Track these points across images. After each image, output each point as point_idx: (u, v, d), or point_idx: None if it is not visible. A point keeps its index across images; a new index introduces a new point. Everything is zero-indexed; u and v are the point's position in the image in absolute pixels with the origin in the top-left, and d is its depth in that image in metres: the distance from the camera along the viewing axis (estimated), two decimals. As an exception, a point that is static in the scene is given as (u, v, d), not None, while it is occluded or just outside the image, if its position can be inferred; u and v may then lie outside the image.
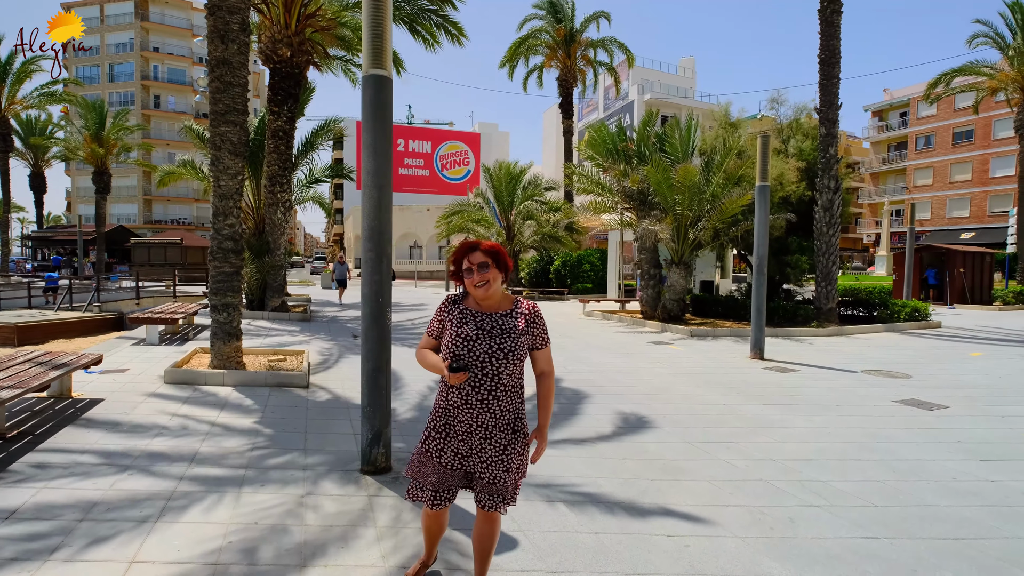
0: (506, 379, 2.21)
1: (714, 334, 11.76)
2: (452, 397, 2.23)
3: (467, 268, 2.23)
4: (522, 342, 2.24)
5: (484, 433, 2.22)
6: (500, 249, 2.29)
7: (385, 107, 3.86)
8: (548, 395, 2.37)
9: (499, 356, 2.18)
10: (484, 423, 2.20)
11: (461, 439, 2.25)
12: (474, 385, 2.18)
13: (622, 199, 14.17)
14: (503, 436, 2.24)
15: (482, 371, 2.18)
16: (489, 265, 2.22)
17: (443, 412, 2.29)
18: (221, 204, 6.89)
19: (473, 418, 2.20)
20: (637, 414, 5.67)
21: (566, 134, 27.64)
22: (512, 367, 2.22)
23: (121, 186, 52.24)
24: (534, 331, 2.31)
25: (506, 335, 2.21)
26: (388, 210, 3.91)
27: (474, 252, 2.24)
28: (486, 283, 2.22)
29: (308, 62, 13.41)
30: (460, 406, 2.22)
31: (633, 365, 8.39)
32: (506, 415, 2.23)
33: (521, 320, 2.27)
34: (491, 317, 2.26)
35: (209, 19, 6.79)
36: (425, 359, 2.29)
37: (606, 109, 52.85)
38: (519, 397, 2.30)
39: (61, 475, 3.73)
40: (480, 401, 2.18)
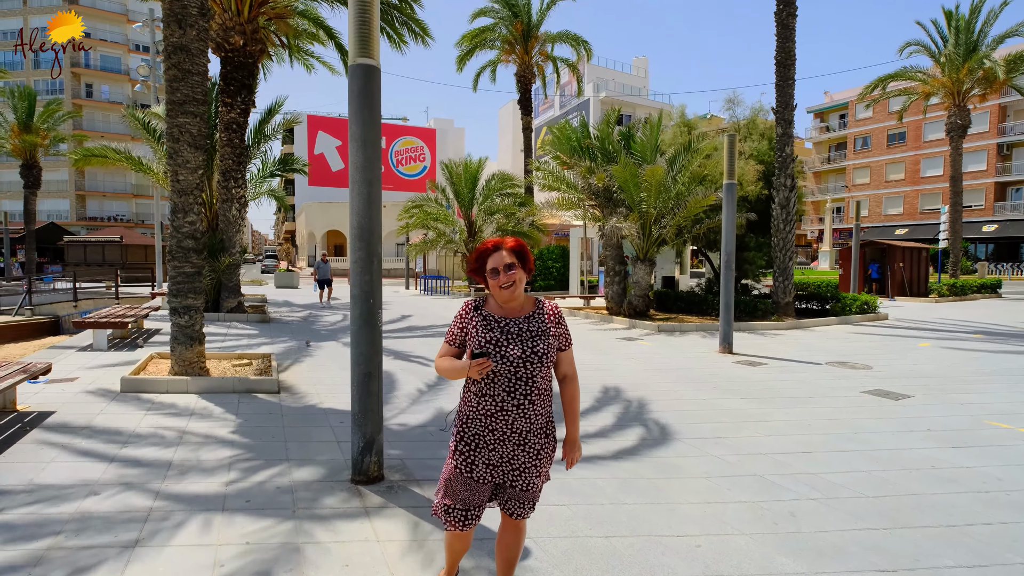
0: (540, 383, 2.14)
1: (681, 329, 11.99)
2: (485, 406, 2.12)
3: (492, 269, 2.13)
4: (552, 343, 2.17)
5: (519, 439, 2.13)
6: (525, 248, 2.21)
7: (374, 97, 3.67)
8: (574, 400, 2.30)
9: (533, 360, 2.09)
10: (519, 429, 2.12)
11: (492, 448, 2.14)
12: (509, 391, 2.09)
13: (587, 196, 14.25)
14: (537, 441, 2.17)
15: (516, 376, 2.09)
16: (516, 266, 2.14)
17: (472, 422, 2.17)
18: (181, 200, 6.47)
19: (508, 425, 2.11)
20: (620, 411, 5.67)
21: (525, 131, 27.60)
22: (546, 370, 2.15)
23: (52, 180, 48.73)
24: (560, 331, 2.23)
25: (537, 337, 2.13)
26: (378, 207, 3.73)
27: (499, 252, 2.15)
28: (512, 284, 2.13)
29: (262, 51, 12.83)
30: (495, 414, 2.11)
31: (609, 362, 8.43)
32: (540, 419, 2.16)
33: (548, 321, 2.20)
34: (517, 320, 2.17)
35: (164, 3, 6.34)
36: (447, 366, 2.16)
37: (562, 107, 53.23)
38: (550, 400, 2.23)
39: (13, 504, 3.37)
40: (516, 407, 2.09)
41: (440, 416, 5.39)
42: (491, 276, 2.13)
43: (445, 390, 6.43)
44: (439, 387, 6.58)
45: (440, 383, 6.75)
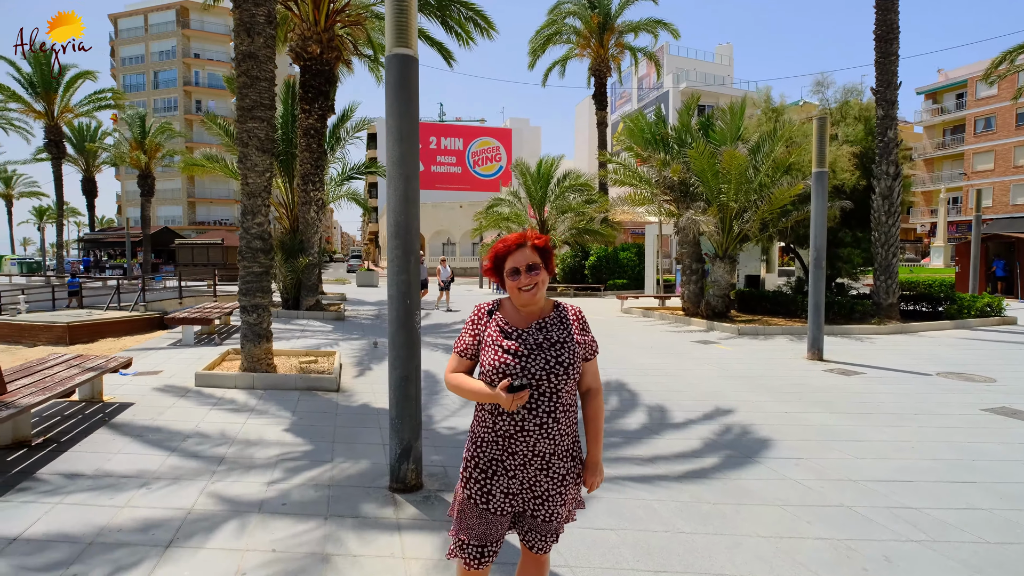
0: (565, 398, 1.85)
1: (765, 332, 11.06)
2: (503, 426, 1.85)
3: (513, 270, 1.87)
4: (578, 352, 1.89)
5: (541, 463, 1.85)
6: (549, 247, 1.95)
7: (410, 89, 3.50)
8: (598, 416, 1.98)
9: (558, 371, 1.81)
10: (542, 451, 1.84)
11: (512, 474, 1.87)
12: (531, 408, 1.81)
13: (662, 190, 13.53)
14: (562, 464, 1.88)
15: (539, 391, 1.81)
16: (539, 266, 1.88)
17: (488, 445, 1.90)
18: (249, 202, 6.71)
19: (530, 447, 1.83)
20: (688, 423, 5.19)
21: (600, 125, 26.90)
22: (572, 383, 1.86)
23: (167, 189, 54.07)
24: (584, 338, 1.95)
25: (562, 345, 1.85)
26: (416, 203, 3.55)
27: (522, 250, 1.88)
28: (534, 287, 1.86)
29: (338, 59, 13.27)
30: (514, 435, 1.83)
31: (679, 367, 7.86)
32: (566, 440, 1.88)
33: (573, 326, 1.92)
34: (538, 326, 1.90)
35: (235, 12, 6.59)
36: (463, 385, 1.89)
37: (640, 100, 51.66)
38: (575, 417, 1.93)
39: (75, 490, 3.52)
40: (539, 426, 1.81)
41: None
42: (510, 277, 1.87)
43: (501, 393, 6.21)
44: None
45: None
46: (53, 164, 30.51)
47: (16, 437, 4.32)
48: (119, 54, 57.10)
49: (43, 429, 4.67)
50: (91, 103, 31.62)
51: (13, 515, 3.16)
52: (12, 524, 3.06)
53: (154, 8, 55.53)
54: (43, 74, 29.06)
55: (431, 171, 58.29)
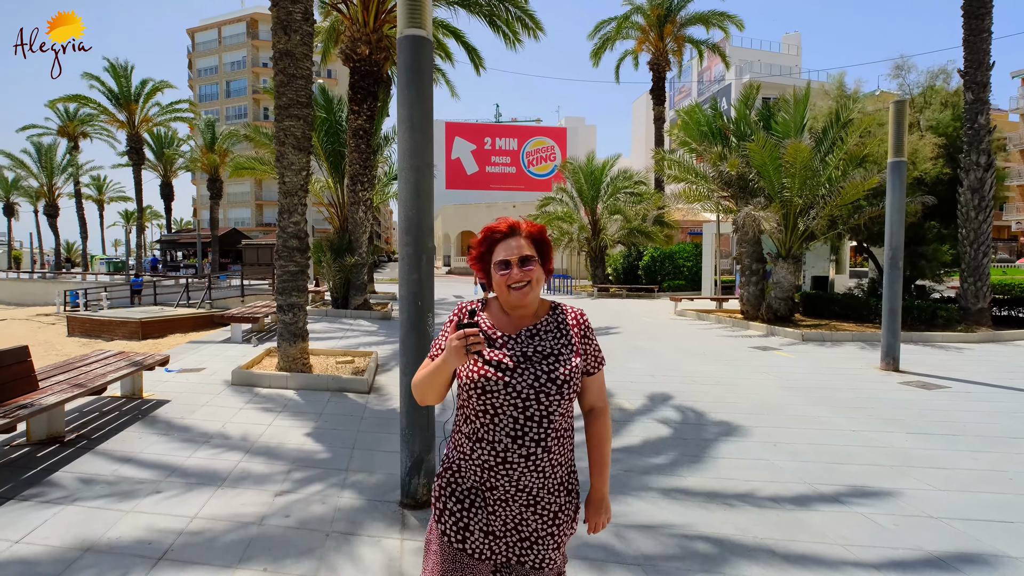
0: (559, 421, 1.51)
1: (832, 339, 10.16)
2: (481, 455, 1.52)
3: (502, 262, 1.54)
4: (577, 365, 1.54)
5: (528, 500, 1.52)
6: (547, 238, 1.62)
7: (424, 73, 3.24)
8: (604, 441, 1.64)
9: (550, 390, 1.48)
10: (528, 486, 1.50)
11: (493, 512, 1.54)
12: (515, 435, 1.48)
13: (718, 186, 12.76)
14: (554, 501, 1.55)
15: (525, 413, 1.48)
16: (534, 260, 1.55)
17: (464, 474, 1.57)
18: (286, 201, 6.69)
19: (513, 481, 1.49)
20: (739, 440, 4.67)
21: (657, 121, 25.99)
22: (568, 403, 1.53)
23: (236, 192, 57.02)
24: (587, 348, 1.61)
25: (556, 357, 1.53)
26: (428, 197, 3.29)
27: (514, 239, 1.56)
28: (527, 285, 1.53)
29: (386, 59, 13.31)
30: (495, 466, 1.50)
31: (733, 375, 7.26)
32: (558, 472, 1.55)
33: (572, 333, 1.59)
34: (529, 333, 1.56)
35: (272, 10, 6.59)
36: (422, 377, 1.54)
37: (700, 95, 49.79)
38: (571, 443, 1.60)
39: (86, 494, 3.48)
40: (525, 456, 1.48)
41: None
42: (499, 270, 1.55)
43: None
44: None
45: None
46: (134, 170, 32.72)
47: (50, 433, 4.40)
48: (195, 66, 60.71)
49: (78, 425, 4.75)
50: (167, 113, 33.70)
51: (15, 520, 3.14)
52: (10, 531, 3.02)
53: (227, 21, 58.66)
54: (124, 86, 31.19)
55: (485, 171, 58.59)
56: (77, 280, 31.06)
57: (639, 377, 6.99)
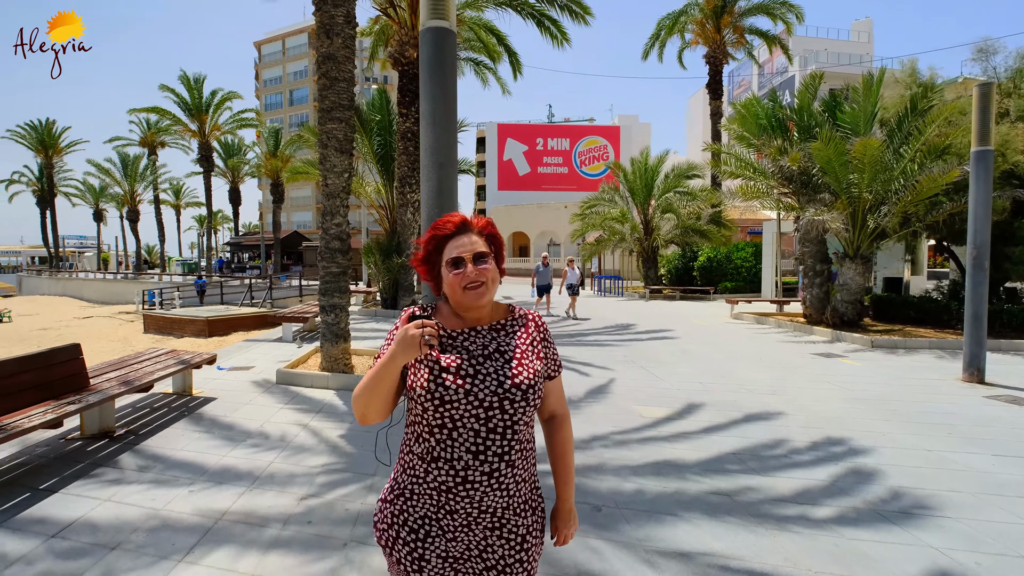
0: (522, 432, 1.38)
1: (906, 346, 9.35)
2: (437, 475, 1.35)
3: (454, 260, 1.39)
4: (540, 369, 1.43)
5: (492, 522, 1.38)
6: (499, 235, 1.49)
7: (446, 66, 3.11)
8: (567, 449, 1.55)
9: (515, 395, 1.34)
10: (492, 506, 1.36)
11: (453, 537, 1.37)
12: (476, 450, 1.32)
13: (779, 182, 12.05)
14: (521, 523, 1.41)
15: (488, 424, 1.33)
16: (489, 257, 1.42)
17: (418, 500, 1.40)
18: (328, 203, 6.77)
19: (475, 503, 1.34)
20: (795, 457, 4.28)
21: (713, 116, 25.02)
22: (532, 410, 1.39)
23: (299, 196, 59.43)
24: (547, 351, 1.50)
25: (519, 359, 1.40)
26: (451, 194, 3.15)
27: (466, 236, 1.42)
28: (482, 285, 1.39)
29: (434, 61, 13.40)
30: (453, 487, 1.34)
31: (791, 383, 6.76)
32: (523, 488, 1.41)
33: (531, 335, 1.47)
34: (485, 336, 1.43)
35: (316, 15, 6.69)
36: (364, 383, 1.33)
37: (761, 88, 47.65)
38: (534, 456, 1.47)
39: (124, 489, 3.56)
40: (487, 474, 1.33)
41: None
42: (451, 269, 1.39)
43: (584, 405, 5.65)
44: (580, 402, 5.82)
45: (583, 397, 5.99)
46: (204, 176, 34.71)
47: (102, 428, 4.58)
48: (262, 77, 63.79)
49: (128, 421, 4.94)
50: (235, 121, 35.54)
51: (53, 511, 3.23)
52: (64, 514, 3.11)
53: (290, 33, 61.29)
54: (196, 97, 33.11)
55: (537, 172, 58.48)
56: (154, 280, 33.22)
57: (687, 384, 6.63)
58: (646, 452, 4.33)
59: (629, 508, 3.36)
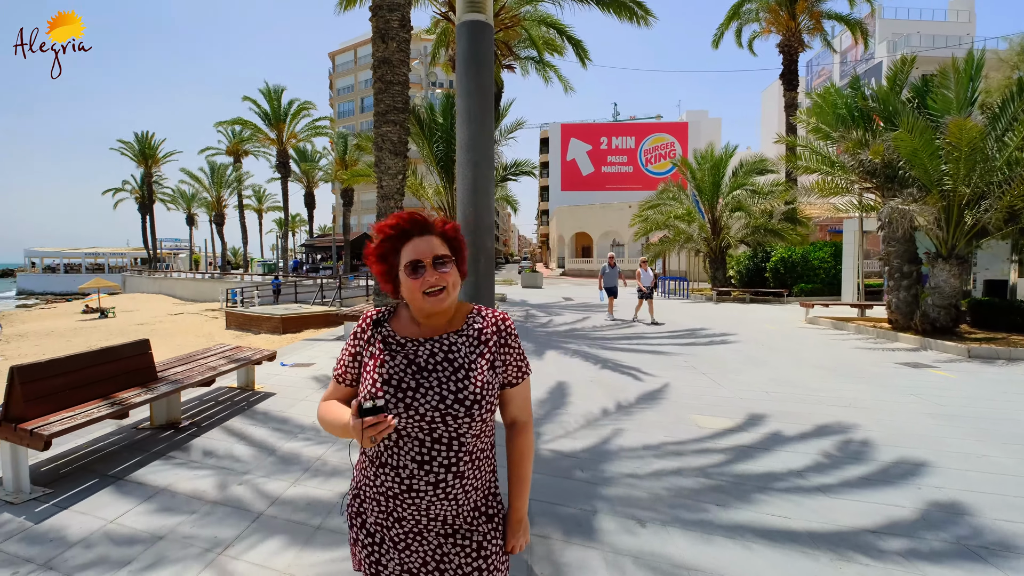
0: (471, 443, 1.33)
1: (1010, 356, 8.36)
2: (384, 481, 1.32)
3: (413, 263, 1.34)
4: (491, 380, 1.37)
5: (443, 529, 1.35)
6: (460, 234, 1.45)
7: (482, 60, 3.03)
8: (524, 458, 1.50)
9: (457, 411, 1.29)
10: (441, 515, 1.33)
11: (406, 547, 1.35)
12: (421, 460, 1.29)
13: (859, 176, 11.15)
14: (474, 530, 1.38)
15: (432, 435, 1.30)
16: (449, 260, 1.37)
17: (371, 503, 1.38)
18: (383, 204, 6.89)
19: (422, 511, 1.32)
20: (870, 479, 3.87)
21: (788, 108, 23.60)
22: (480, 424, 1.33)
23: (369, 200, 61.68)
24: (507, 357, 1.43)
25: (467, 371, 1.34)
26: (487, 193, 3.06)
27: (426, 237, 1.37)
28: (443, 290, 1.34)
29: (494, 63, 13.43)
30: (399, 495, 1.31)
31: (870, 396, 6.18)
32: (473, 496, 1.37)
33: (487, 343, 1.40)
34: (437, 343, 1.38)
35: (372, 21, 6.82)
36: (326, 416, 1.37)
37: (843, 77, 44.60)
38: (491, 463, 1.44)
39: (180, 477, 3.73)
40: (433, 484, 1.30)
41: None
42: (410, 274, 1.33)
43: (636, 411, 5.42)
44: (631, 408, 5.59)
45: (635, 403, 5.76)
46: (281, 182, 36.73)
47: (169, 419, 4.85)
48: (335, 86, 66.76)
49: (194, 413, 5.21)
50: (309, 130, 37.39)
51: (114, 496, 3.42)
52: (106, 510, 3.29)
53: (362, 43, 63.76)
54: (275, 108, 35.10)
55: (601, 172, 57.66)
56: (236, 280, 35.49)
57: (750, 393, 6.21)
58: (698, 463, 4.05)
59: (675, 525, 3.14)
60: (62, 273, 61.78)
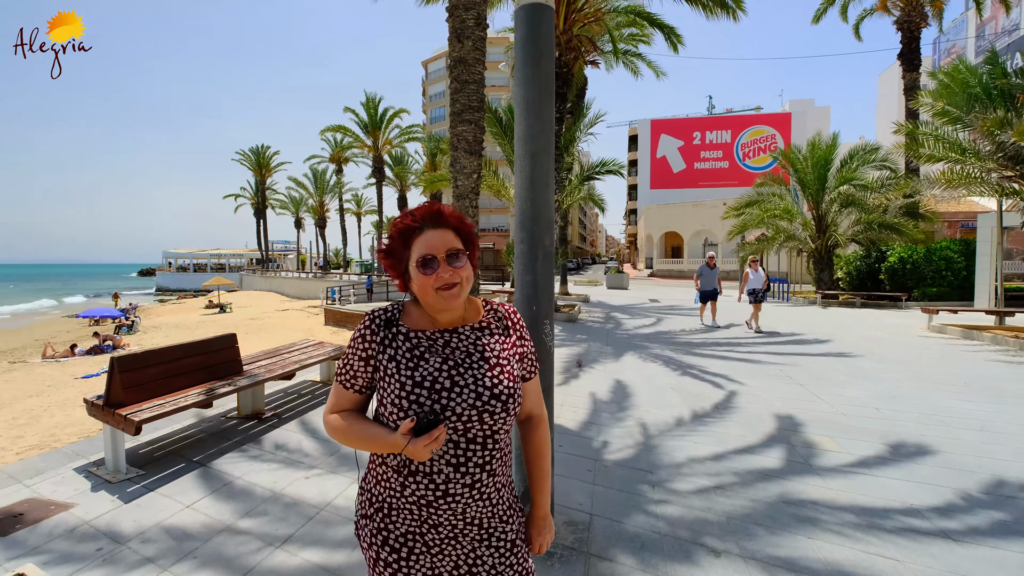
0: (503, 440, 1.31)
1: None
2: (416, 490, 1.26)
3: (426, 259, 1.26)
4: (517, 375, 1.34)
5: (478, 532, 1.31)
6: (471, 227, 1.35)
7: (541, 46, 2.84)
8: (543, 452, 1.45)
9: (495, 407, 1.25)
10: (477, 517, 1.30)
11: (440, 553, 1.30)
12: (457, 462, 1.25)
13: (998, 164, 9.68)
14: (509, 528, 1.36)
15: (467, 436, 1.25)
16: (463, 255, 1.30)
17: (399, 514, 1.30)
18: (458, 204, 6.90)
19: (458, 515, 1.28)
20: (1007, 524, 3.24)
21: (907, 91, 21.12)
22: (513, 419, 1.31)
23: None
24: (524, 350, 1.41)
25: (500, 365, 1.30)
26: (547, 187, 2.88)
27: (439, 230, 1.29)
28: (456, 286, 1.28)
29: (575, 59, 13.16)
30: (434, 501, 1.26)
31: (1010, 419, 5.27)
32: (505, 495, 1.36)
33: (509, 335, 1.38)
34: (460, 338, 1.33)
35: (449, 21, 6.85)
36: (351, 431, 1.29)
37: (979, 53, 39.36)
38: (511, 459, 1.41)
39: (254, 469, 3.88)
40: (469, 485, 1.27)
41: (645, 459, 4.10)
42: (423, 269, 1.27)
43: (717, 423, 4.99)
44: (711, 419, 5.17)
45: (717, 414, 5.32)
46: (376, 187, 38.62)
47: (254, 409, 5.12)
48: (428, 92, 69.25)
49: (277, 405, 5.46)
50: (403, 135, 39.02)
51: (194, 483, 3.61)
52: (184, 496, 3.47)
53: (452, 50, 65.75)
54: (372, 115, 36.99)
55: (693, 168, 55.20)
56: (336, 280, 37.81)
57: (856, 409, 5.52)
58: (782, 486, 3.60)
59: (755, 560, 2.78)
60: (192, 272, 69.15)
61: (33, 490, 3.52)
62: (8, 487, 3.56)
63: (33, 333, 27.34)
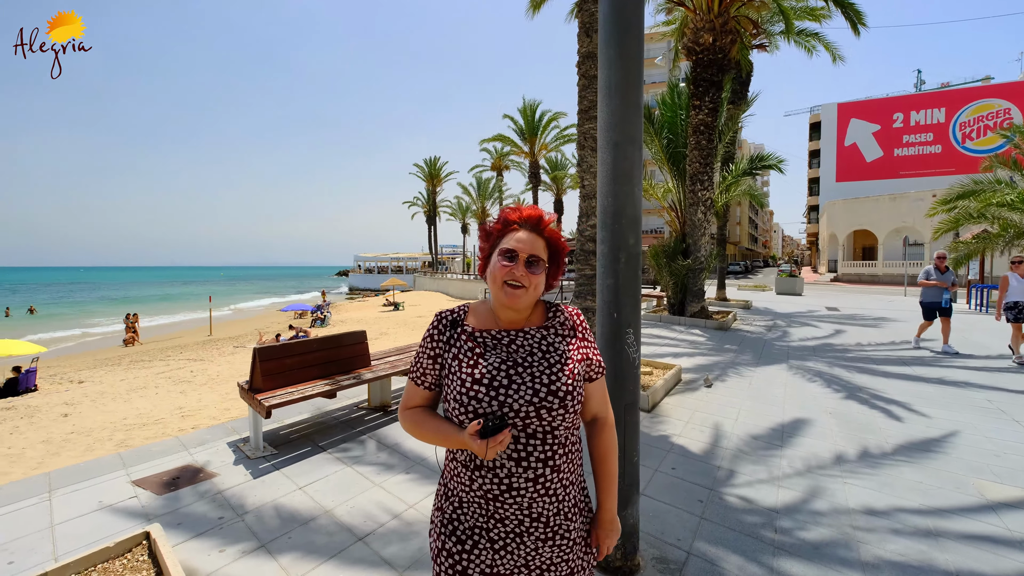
0: (564, 435, 1.36)
1: None
2: (483, 483, 1.34)
3: (508, 251, 1.37)
4: (580, 372, 1.38)
5: (543, 531, 1.35)
6: (564, 245, 1.42)
7: (628, 23, 2.54)
8: (609, 454, 1.48)
9: (552, 403, 1.32)
10: (542, 513, 1.35)
11: (503, 548, 1.35)
12: (517, 457, 1.32)
13: None
14: (573, 527, 1.39)
15: (527, 431, 1.32)
16: (542, 264, 1.39)
17: (468, 507, 1.37)
18: (584, 204, 6.67)
19: (524, 509, 1.33)
20: None
21: None
22: (573, 415, 1.36)
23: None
24: (588, 351, 1.44)
25: (557, 366, 1.36)
26: (632, 180, 2.56)
27: (530, 233, 1.39)
28: (522, 288, 1.36)
29: (733, 43, 12.01)
30: (500, 495, 1.33)
31: None
32: (572, 492, 1.39)
33: (575, 337, 1.43)
34: (523, 339, 1.39)
35: (576, 15, 6.66)
36: (423, 427, 1.39)
37: None
38: (580, 458, 1.43)
39: (364, 461, 4.10)
40: (532, 480, 1.32)
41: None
42: (501, 258, 1.37)
43: (885, 462, 4.09)
44: (878, 457, 4.26)
45: (886, 451, 4.38)
46: (532, 191, 39.61)
47: (382, 402, 5.47)
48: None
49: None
50: (559, 139, 39.50)
51: (308, 469, 3.91)
52: (302, 478, 3.77)
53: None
54: (529, 121, 38.07)
55: (892, 155, 47.29)
56: (493, 281, 39.62)
57: (1102, 462, 4.12)
58: (965, 560, 2.77)
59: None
60: (376, 273, 78.02)
61: (194, 457, 4.14)
62: (177, 453, 4.23)
63: (253, 324, 33.08)
